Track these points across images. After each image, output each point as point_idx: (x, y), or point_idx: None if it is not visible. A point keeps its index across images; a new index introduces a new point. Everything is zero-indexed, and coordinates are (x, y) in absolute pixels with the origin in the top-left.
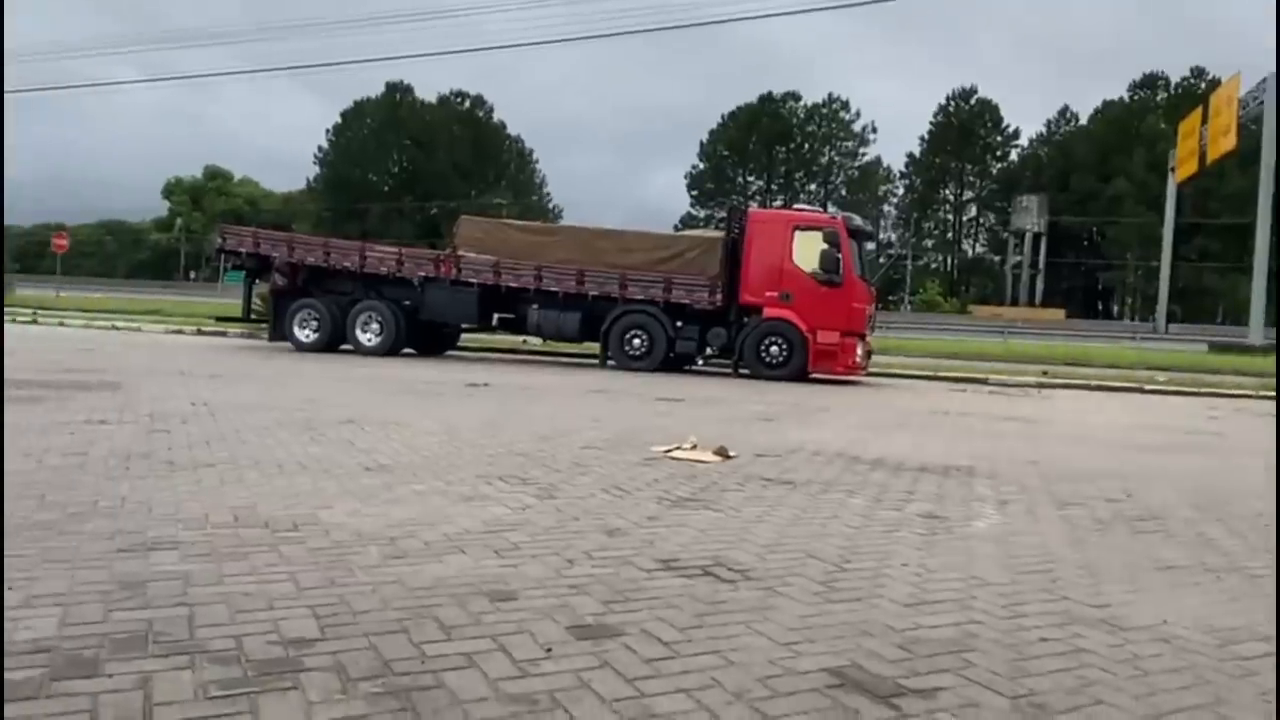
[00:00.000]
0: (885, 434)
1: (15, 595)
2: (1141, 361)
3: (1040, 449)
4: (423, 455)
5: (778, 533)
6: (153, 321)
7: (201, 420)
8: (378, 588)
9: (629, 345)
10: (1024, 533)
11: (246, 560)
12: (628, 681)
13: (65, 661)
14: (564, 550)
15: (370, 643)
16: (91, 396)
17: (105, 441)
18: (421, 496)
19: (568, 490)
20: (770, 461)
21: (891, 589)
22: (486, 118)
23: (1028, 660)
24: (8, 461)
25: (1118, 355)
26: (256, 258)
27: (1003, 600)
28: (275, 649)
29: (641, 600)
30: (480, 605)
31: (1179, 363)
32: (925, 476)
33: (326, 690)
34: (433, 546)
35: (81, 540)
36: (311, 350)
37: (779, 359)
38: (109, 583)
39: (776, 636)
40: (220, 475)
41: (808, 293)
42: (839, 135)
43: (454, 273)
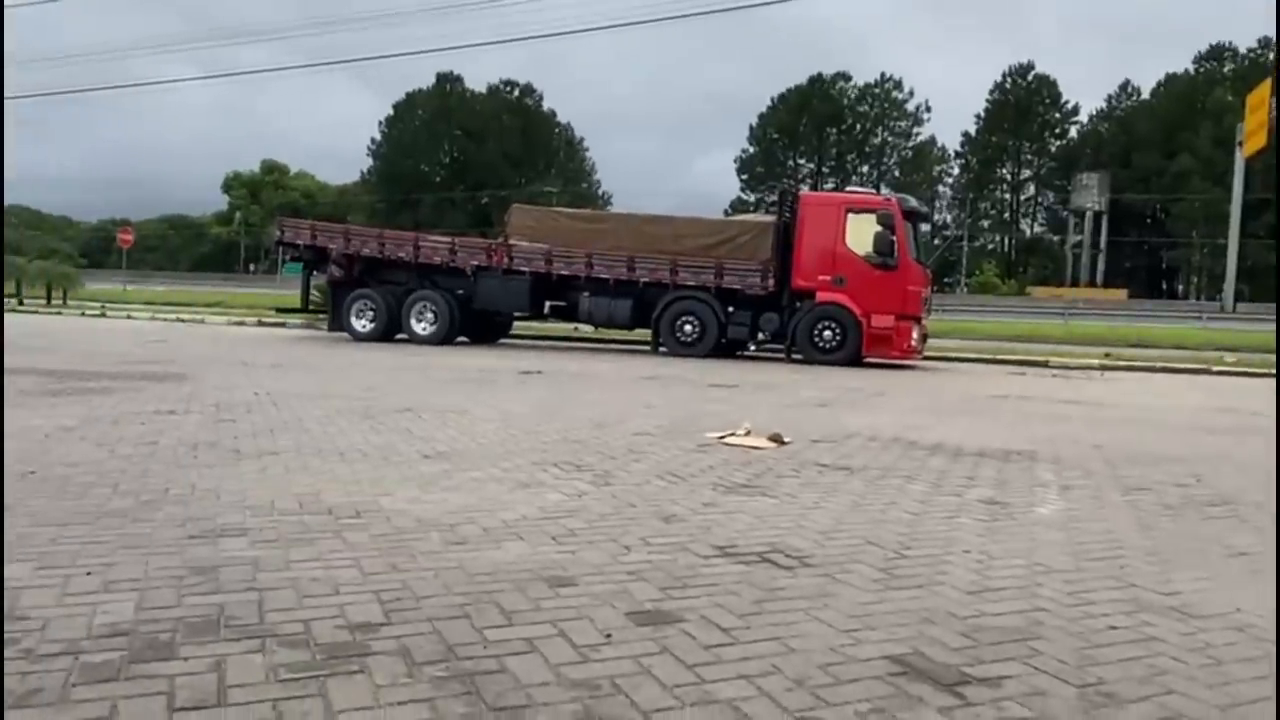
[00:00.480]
0: (943, 419)
1: (94, 580)
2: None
3: (1104, 433)
4: (479, 443)
5: (835, 519)
6: (215, 313)
7: (265, 409)
8: (439, 573)
9: (680, 332)
10: (1089, 519)
11: (312, 546)
12: (688, 668)
13: (143, 644)
14: (621, 537)
15: (434, 627)
16: (160, 387)
17: (174, 431)
18: (479, 483)
19: (623, 477)
20: (826, 447)
21: (953, 576)
22: (536, 106)
23: (1096, 649)
24: (84, 451)
25: (1183, 336)
26: (314, 249)
27: (1069, 587)
28: (342, 633)
29: (699, 586)
30: (540, 591)
31: (1247, 343)
32: (985, 462)
33: (392, 674)
34: (491, 533)
35: (155, 527)
36: (368, 340)
37: (833, 344)
38: (182, 568)
39: (837, 623)
40: (284, 463)
41: (861, 276)
42: (892, 115)
43: (506, 261)
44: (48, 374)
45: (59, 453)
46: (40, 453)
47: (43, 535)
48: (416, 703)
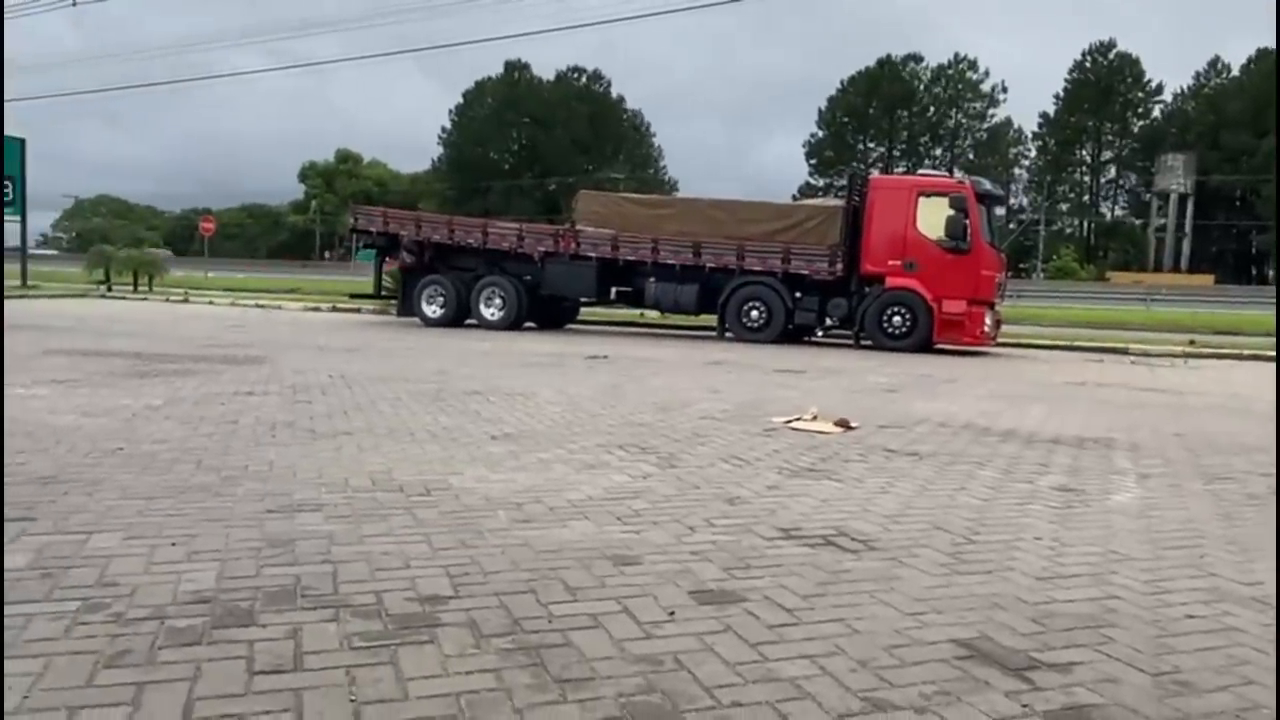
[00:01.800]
0: (1016, 406)
1: (178, 550)
2: None
3: (1186, 421)
4: (546, 425)
5: (902, 504)
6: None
7: (339, 391)
8: (506, 550)
9: (747, 317)
10: (1168, 507)
11: (384, 522)
12: (750, 646)
13: (224, 611)
14: (685, 518)
15: (500, 601)
16: (239, 370)
17: (253, 411)
18: (545, 464)
19: (687, 459)
20: (894, 433)
21: (1023, 562)
22: (604, 92)
23: (1172, 637)
24: (169, 429)
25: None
26: (386, 236)
27: (1144, 576)
28: (412, 605)
29: (763, 567)
30: (604, 569)
31: None
32: (1059, 449)
33: (461, 645)
34: (557, 512)
35: (235, 501)
36: (438, 325)
37: (902, 329)
38: (260, 540)
39: (902, 606)
40: (358, 443)
41: (933, 261)
42: (966, 96)
43: (573, 247)
44: (135, 356)
45: (146, 430)
46: (128, 431)
47: (130, 508)
48: (484, 672)
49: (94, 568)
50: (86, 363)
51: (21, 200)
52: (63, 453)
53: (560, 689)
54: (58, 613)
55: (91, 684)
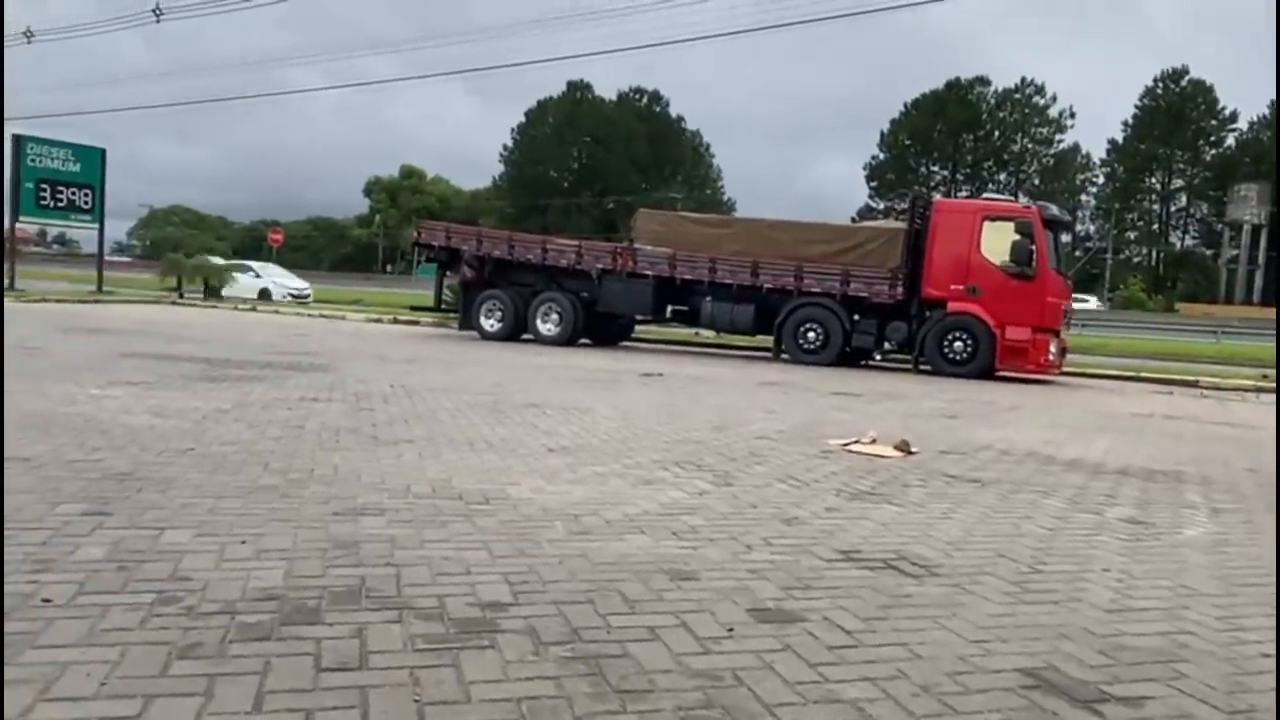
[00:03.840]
0: (1082, 436)
1: (248, 548)
2: None
3: (1259, 457)
4: (601, 439)
5: (965, 530)
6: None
7: (400, 401)
8: (564, 560)
9: (803, 339)
10: (1241, 543)
11: (445, 528)
12: (810, 666)
13: (292, 609)
14: (742, 536)
15: (559, 610)
16: (304, 377)
17: (318, 417)
18: (601, 478)
19: (743, 479)
20: (955, 459)
21: (1091, 593)
22: (663, 112)
23: (1247, 675)
24: (237, 432)
25: None
26: (448, 251)
27: (1217, 611)
28: (473, 610)
29: (822, 588)
30: (661, 583)
31: None
32: (1127, 480)
33: (521, 651)
34: (614, 525)
35: (301, 503)
36: (495, 339)
37: (963, 355)
38: (326, 541)
39: (966, 633)
40: (419, 451)
41: (997, 286)
42: (1033, 121)
43: (630, 265)
44: (204, 362)
45: (215, 433)
46: (199, 432)
47: (202, 506)
48: (544, 679)
49: (167, 562)
50: (159, 366)
51: (100, 208)
52: (136, 451)
53: (620, 699)
54: (133, 604)
55: (165, 674)
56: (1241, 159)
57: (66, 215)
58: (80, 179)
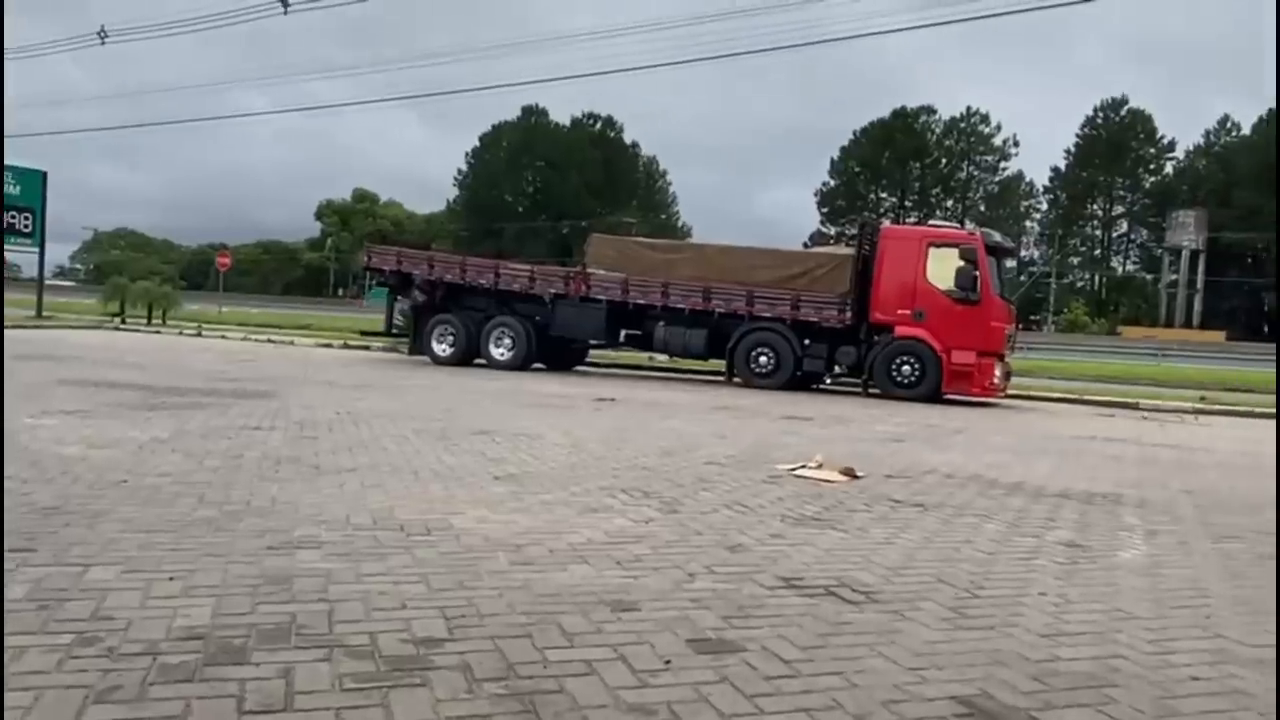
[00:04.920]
0: (1024, 458)
1: (175, 585)
2: None
3: (1196, 478)
4: (550, 466)
5: (906, 555)
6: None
7: (345, 428)
8: (504, 592)
9: (755, 363)
10: (1175, 565)
11: (383, 561)
12: (747, 698)
13: (217, 649)
14: (685, 564)
15: (495, 645)
16: (248, 404)
17: (259, 446)
18: (548, 506)
19: (690, 505)
20: (900, 483)
21: (1027, 618)
22: (618, 138)
23: (1175, 699)
24: (174, 462)
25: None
26: (399, 275)
27: (1149, 635)
28: (407, 647)
29: (762, 617)
30: (602, 614)
31: None
32: (1067, 504)
33: (453, 689)
34: (557, 555)
35: (235, 537)
36: (447, 364)
37: (911, 379)
38: (258, 577)
39: (902, 660)
40: (361, 480)
41: (942, 311)
42: (978, 149)
43: (583, 290)
44: (144, 389)
45: (151, 463)
46: (134, 463)
47: (131, 541)
48: (475, 718)
49: (90, 601)
50: (97, 394)
51: (41, 232)
52: (67, 484)
53: None
54: (51, 645)
55: (80, 719)
56: (1179, 186)
57: (6, 239)
58: (20, 202)
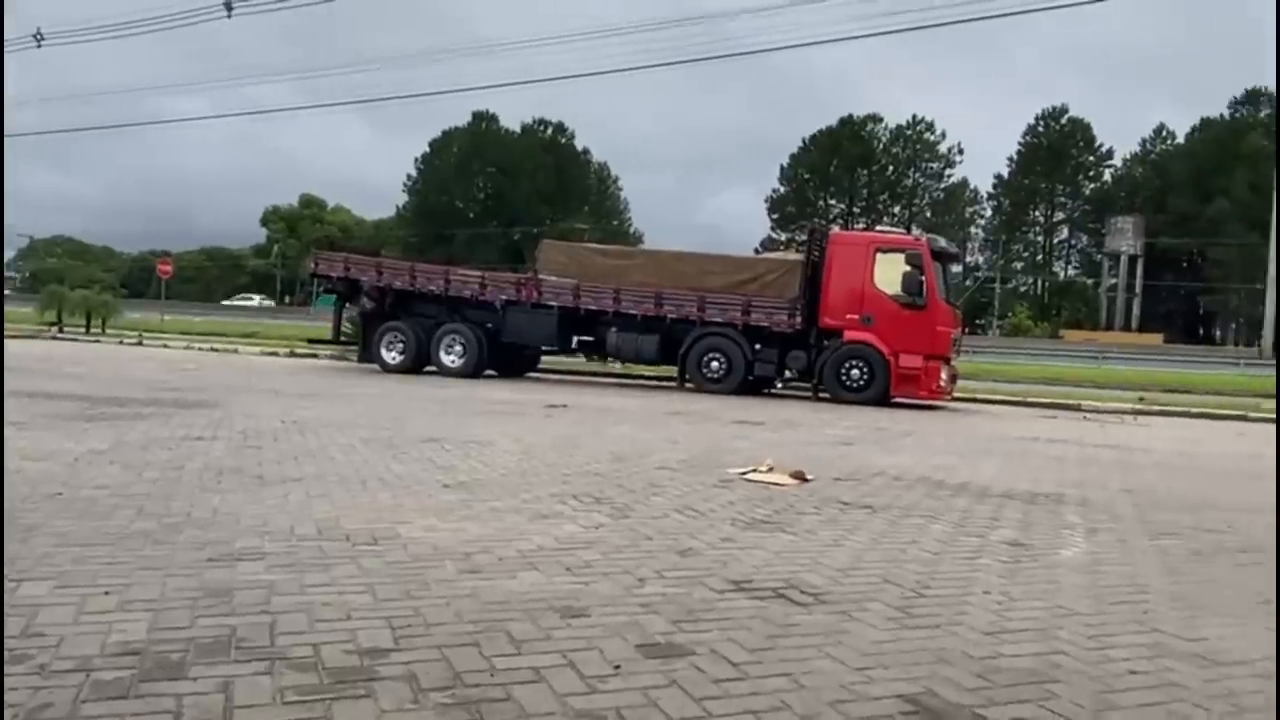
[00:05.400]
0: (970, 460)
1: (111, 600)
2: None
3: (1135, 477)
4: (500, 474)
5: (854, 557)
6: (249, 343)
7: (291, 437)
8: (451, 601)
9: (707, 368)
10: (1115, 562)
11: (327, 572)
12: (695, 701)
13: (153, 664)
14: (636, 569)
15: (442, 654)
16: (190, 414)
17: (200, 456)
18: (498, 514)
19: (641, 510)
20: (849, 485)
21: (972, 616)
22: (569, 144)
23: (1114, 693)
24: (112, 474)
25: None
26: (347, 281)
27: (1089, 631)
28: (351, 658)
29: (712, 620)
30: (551, 621)
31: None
32: (1010, 503)
33: (398, 699)
34: (507, 562)
35: (174, 549)
36: (397, 371)
37: (860, 383)
38: (198, 590)
39: (849, 661)
40: (306, 490)
41: (890, 315)
42: (924, 157)
43: (534, 296)
44: (83, 399)
45: (88, 475)
46: (70, 475)
47: (65, 555)
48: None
49: (21, 618)
50: (33, 405)
51: None
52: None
53: None
54: None
55: None
56: (1118, 193)
57: None
58: None
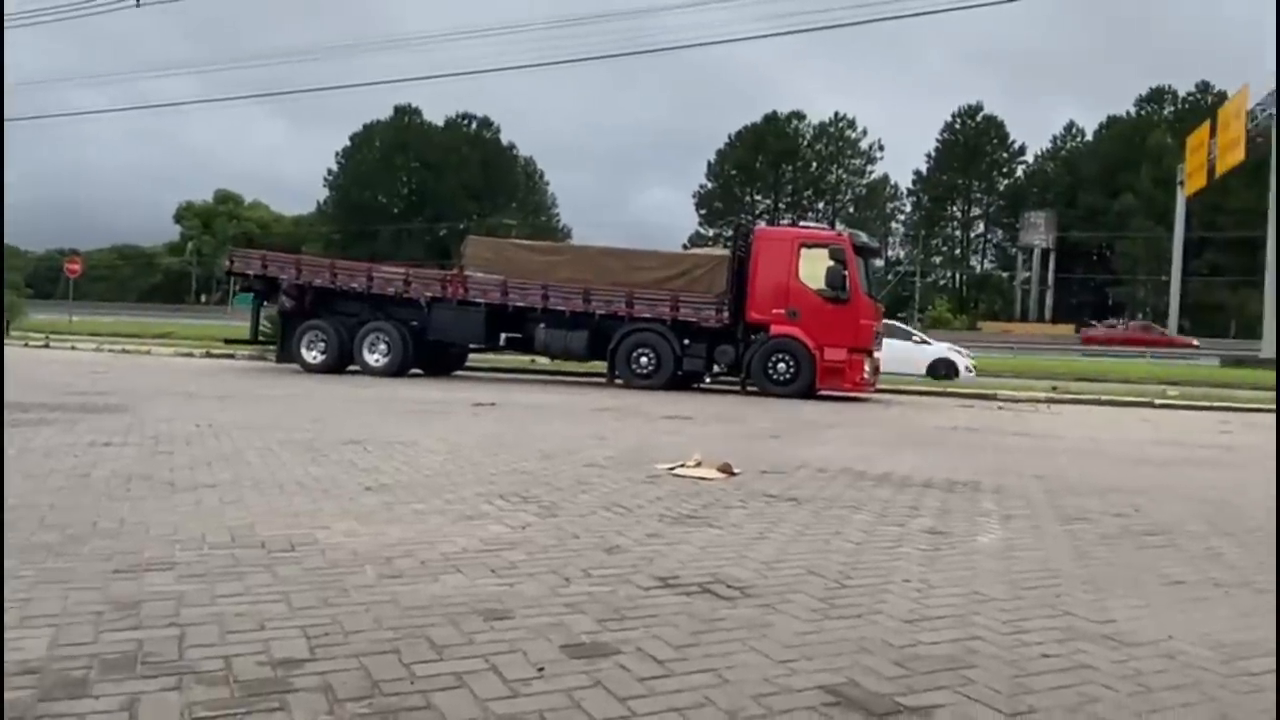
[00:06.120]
0: (891, 450)
1: (10, 616)
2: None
3: (1047, 464)
4: (424, 475)
5: (779, 549)
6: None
7: (205, 441)
8: (371, 607)
9: (636, 363)
10: (1028, 548)
11: (241, 581)
12: (620, 700)
13: (54, 682)
14: (562, 568)
15: (360, 663)
16: (98, 419)
17: (109, 463)
18: (421, 516)
19: (569, 508)
20: (775, 478)
21: (892, 605)
22: (494, 139)
23: (1028, 676)
24: (13, 484)
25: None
26: (264, 279)
27: (1004, 616)
28: (264, 670)
29: (638, 618)
30: (474, 624)
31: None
32: (930, 492)
33: (313, 711)
34: (429, 566)
35: (78, 561)
36: (319, 371)
37: (786, 376)
38: (102, 603)
39: (773, 654)
40: (220, 496)
41: (814, 310)
42: (846, 153)
43: (461, 292)
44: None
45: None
46: None
47: None
48: None
49: None
50: None
51: None
52: None
53: None
54: None
55: None
56: (1030, 189)
57: None
58: None
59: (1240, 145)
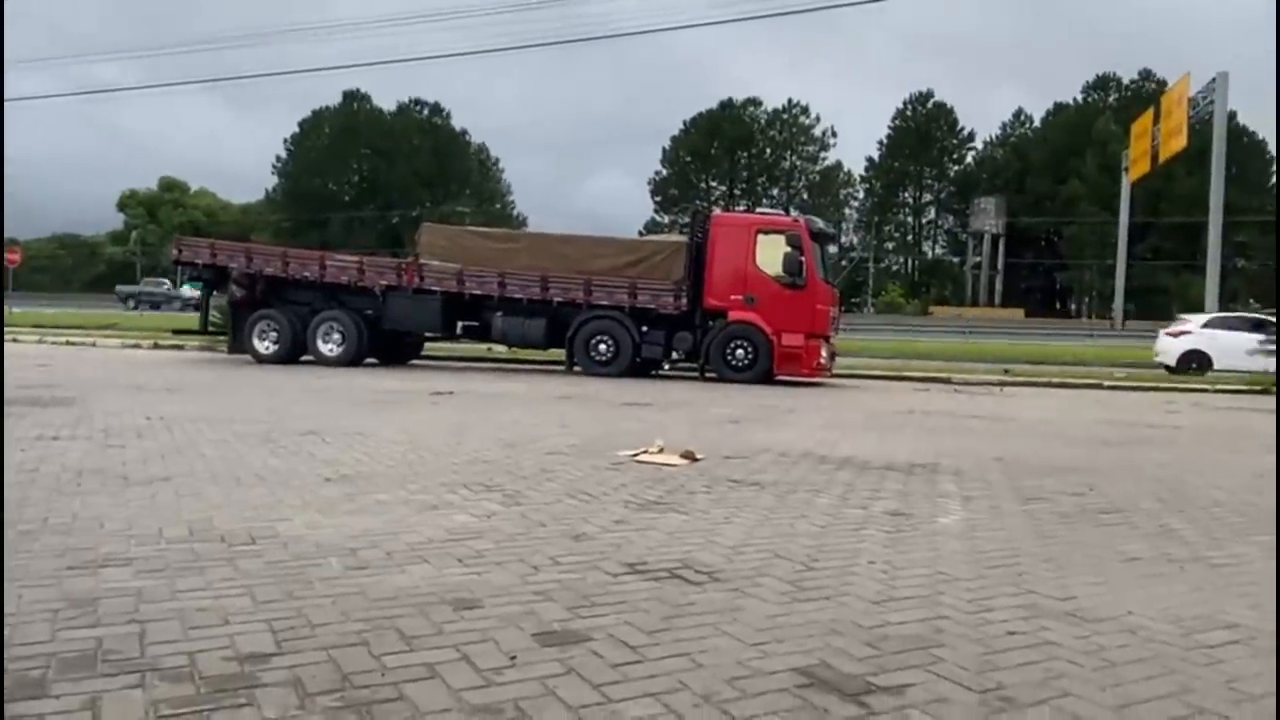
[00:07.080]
0: (851, 434)
1: None
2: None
3: (1004, 445)
4: (386, 465)
5: (745, 533)
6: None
7: (157, 434)
8: (337, 600)
9: (595, 351)
10: (989, 528)
11: (201, 575)
12: (594, 687)
13: (12, 683)
14: (529, 557)
15: (329, 656)
16: (44, 413)
17: (57, 458)
18: (384, 506)
19: (533, 496)
20: (737, 463)
21: (859, 587)
22: (446, 125)
23: (995, 654)
24: None
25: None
26: (213, 269)
27: (969, 595)
28: (230, 665)
29: (608, 605)
30: (443, 615)
31: (1137, 359)
32: (891, 475)
33: (283, 706)
34: (395, 556)
35: (30, 558)
36: (272, 362)
37: (744, 362)
38: (58, 601)
39: (744, 637)
40: (176, 489)
41: (771, 296)
42: (800, 140)
43: (416, 281)
44: None
45: None
46: None
47: None
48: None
49: None
50: None
51: None
52: None
53: None
54: None
55: None
56: (980, 175)
57: None
58: None
59: (1183, 132)
